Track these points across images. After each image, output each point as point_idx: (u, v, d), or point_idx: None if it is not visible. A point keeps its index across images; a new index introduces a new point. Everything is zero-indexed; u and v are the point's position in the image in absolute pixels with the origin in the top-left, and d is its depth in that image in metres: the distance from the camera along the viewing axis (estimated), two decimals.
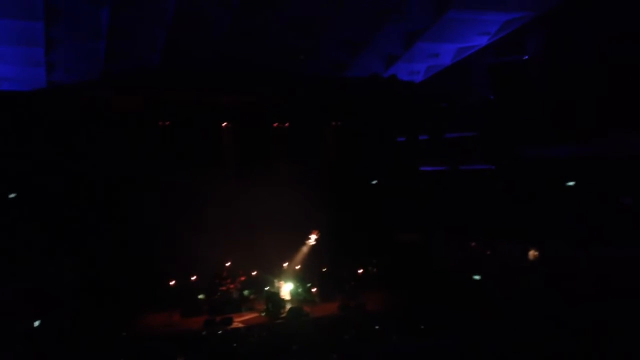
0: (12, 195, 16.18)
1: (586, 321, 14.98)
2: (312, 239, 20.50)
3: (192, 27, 17.43)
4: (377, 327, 16.19)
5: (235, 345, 14.99)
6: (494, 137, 19.39)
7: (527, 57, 19.24)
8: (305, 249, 20.63)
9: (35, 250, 15.99)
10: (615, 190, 16.29)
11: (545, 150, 17.97)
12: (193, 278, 18.89)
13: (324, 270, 20.39)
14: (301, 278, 19.88)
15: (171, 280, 18.17)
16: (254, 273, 19.87)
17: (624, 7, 16.48)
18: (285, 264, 20.23)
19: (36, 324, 15.43)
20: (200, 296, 18.73)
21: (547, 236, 17.26)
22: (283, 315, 17.88)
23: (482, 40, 20.27)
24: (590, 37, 17.45)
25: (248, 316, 18.15)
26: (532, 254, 17.73)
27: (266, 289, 19.17)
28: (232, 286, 18.91)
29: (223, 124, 20.43)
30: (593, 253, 16.18)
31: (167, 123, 19.57)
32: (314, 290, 19.26)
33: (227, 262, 19.48)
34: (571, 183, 17.06)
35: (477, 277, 19.14)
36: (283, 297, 18.70)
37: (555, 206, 17.24)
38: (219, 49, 18.65)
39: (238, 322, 17.43)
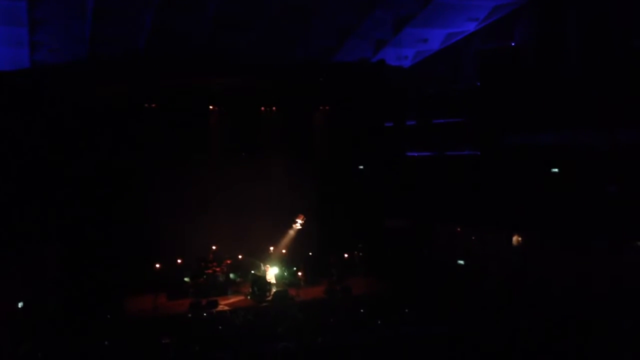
0: None
1: (570, 307, 15.24)
2: (299, 223, 20.53)
3: (179, 11, 17.21)
4: (362, 311, 16.31)
5: (220, 327, 15.04)
6: (481, 123, 19.47)
7: (515, 43, 19.27)
8: (291, 233, 20.66)
9: (22, 234, 15.91)
10: (600, 178, 16.44)
11: (531, 137, 18.08)
12: (179, 261, 18.89)
13: (310, 254, 20.47)
14: (287, 262, 19.96)
15: (157, 263, 18.16)
16: (240, 256, 19.90)
17: None
18: (272, 248, 20.28)
19: (19, 305, 15.42)
20: (186, 279, 18.77)
21: (531, 223, 17.44)
22: (269, 298, 17.98)
23: (471, 26, 20.25)
24: (578, 25, 17.50)
25: (234, 299, 18.23)
26: (516, 239, 17.92)
27: (252, 272, 19.23)
28: (218, 269, 18.95)
29: (210, 108, 20.31)
30: (576, 241, 16.41)
31: (154, 105, 19.42)
32: (299, 274, 19.34)
33: (213, 246, 19.49)
34: (555, 170, 17.20)
35: (461, 262, 19.34)
36: (269, 281, 18.78)
37: (540, 193, 17.40)
38: (207, 33, 18.46)
39: (223, 305, 17.51)
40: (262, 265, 19.47)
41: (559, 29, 17.93)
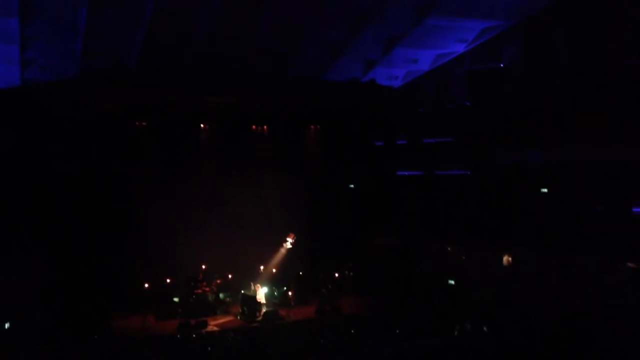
0: None
1: (560, 325, 15.25)
2: (289, 242, 20.44)
3: (171, 27, 17.27)
4: (353, 330, 16.20)
5: (209, 348, 14.84)
6: (471, 143, 19.63)
7: (504, 64, 19.55)
8: (282, 252, 20.56)
9: (7, 249, 15.70)
10: (589, 197, 16.59)
11: (520, 156, 18.25)
12: (168, 280, 18.69)
13: (300, 273, 20.36)
14: (277, 281, 19.82)
15: (146, 282, 17.95)
16: (230, 276, 19.73)
17: (598, 18, 16.89)
18: (262, 267, 20.14)
19: (6, 325, 15.14)
20: (175, 299, 18.54)
21: (521, 241, 17.52)
22: (259, 318, 17.81)
23: (460, 48, 20.52)
24: (564, 46, 17.81)
25: (223, 319, 18.04)
26: (506, 259, 17.98)
27: (242, 292, 19.05)
28: (207, 289, 18.74)
29: (201, 125, 20.30)
30: (565, 259, 16.49)
31: (144, 123, 19.38)
32: (290, 293, 19.21)
33: (203, 265, 19.31)
34: (544, 190, 17.35)
35: (451, 282, 19.33)
36: (259, 301, 18.60)
37: (529, 212, 17.51)
38: (198, 50, 18.53)
39: (213, 325, 17.32)
40: (252, 284, 19.30)
41: (548, 50, 18.23)
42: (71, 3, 15.36)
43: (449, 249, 19.99)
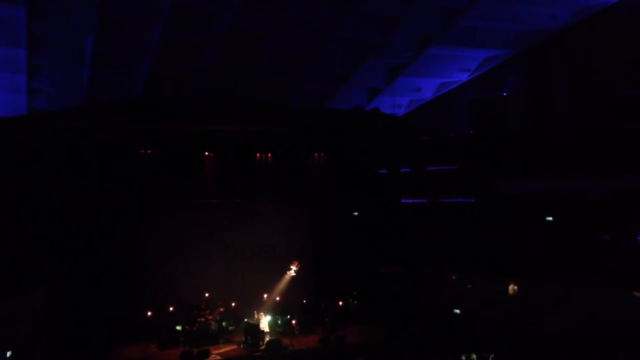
0: None
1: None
2: (293, 270, 20.35)
3: (176, 58, 17.55)
4: None
5: None
6: (474, 171, 19.64)
7: (506, 93, 19.68)
8: (285, 280, 20.45)
9: (11, 280, 15.65)
10: (593, 226, 16.50)
11: (524, 185, 18.22)
12: (171, 309, 18.61)
13: (304, 302, 20.23)
14: (281, 310, 19.69)
15: (148, 311, 17.86)
16: (233, 304, 19.62)
17: (598, 48, 17.07)
18: (265, 296, 20.04)
19: (8, 354, 15.03)
20: (178, 327, 18.42)
21: (526, 270, 17.38)
22: (262, 347, 17.64)
23: (463, 76, 20.72)
24: (566, 76, 17.93)
25: (226, 348, 17.87)
26: (511, 288, 17.81)
27: (245, 320, 18.92)
28: (210, 317, 18.62)
29: (206, 154, 20.41)
30: (570, 288, 16.33)
31: (149, 151, 19.50)
32: (293, 322, 19.06)
33: (206, 293, 19.23)
34: (549, 218, 17.26)
35: (457, 311, 19.13)
36: (262, 329, 18.45)
37: (533, 240, 17.41)
38: (203, 80, 18.77)
39: (216, 354, 17.16)
40: (255, 313, 19.17)
41: (550, 79, 18.36)
42: (78, 34, 15.64)
43: (453, 277, 19.83)
